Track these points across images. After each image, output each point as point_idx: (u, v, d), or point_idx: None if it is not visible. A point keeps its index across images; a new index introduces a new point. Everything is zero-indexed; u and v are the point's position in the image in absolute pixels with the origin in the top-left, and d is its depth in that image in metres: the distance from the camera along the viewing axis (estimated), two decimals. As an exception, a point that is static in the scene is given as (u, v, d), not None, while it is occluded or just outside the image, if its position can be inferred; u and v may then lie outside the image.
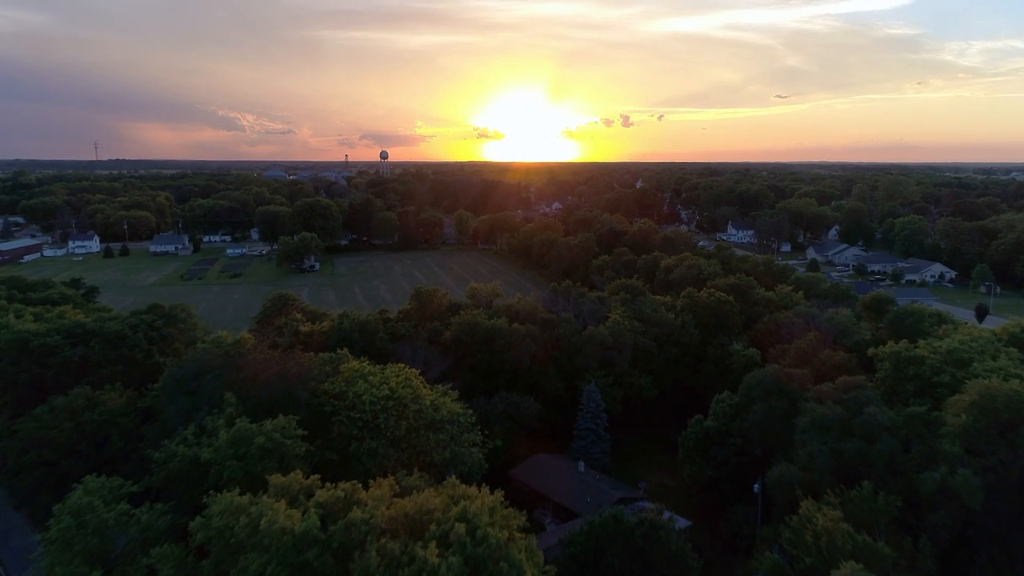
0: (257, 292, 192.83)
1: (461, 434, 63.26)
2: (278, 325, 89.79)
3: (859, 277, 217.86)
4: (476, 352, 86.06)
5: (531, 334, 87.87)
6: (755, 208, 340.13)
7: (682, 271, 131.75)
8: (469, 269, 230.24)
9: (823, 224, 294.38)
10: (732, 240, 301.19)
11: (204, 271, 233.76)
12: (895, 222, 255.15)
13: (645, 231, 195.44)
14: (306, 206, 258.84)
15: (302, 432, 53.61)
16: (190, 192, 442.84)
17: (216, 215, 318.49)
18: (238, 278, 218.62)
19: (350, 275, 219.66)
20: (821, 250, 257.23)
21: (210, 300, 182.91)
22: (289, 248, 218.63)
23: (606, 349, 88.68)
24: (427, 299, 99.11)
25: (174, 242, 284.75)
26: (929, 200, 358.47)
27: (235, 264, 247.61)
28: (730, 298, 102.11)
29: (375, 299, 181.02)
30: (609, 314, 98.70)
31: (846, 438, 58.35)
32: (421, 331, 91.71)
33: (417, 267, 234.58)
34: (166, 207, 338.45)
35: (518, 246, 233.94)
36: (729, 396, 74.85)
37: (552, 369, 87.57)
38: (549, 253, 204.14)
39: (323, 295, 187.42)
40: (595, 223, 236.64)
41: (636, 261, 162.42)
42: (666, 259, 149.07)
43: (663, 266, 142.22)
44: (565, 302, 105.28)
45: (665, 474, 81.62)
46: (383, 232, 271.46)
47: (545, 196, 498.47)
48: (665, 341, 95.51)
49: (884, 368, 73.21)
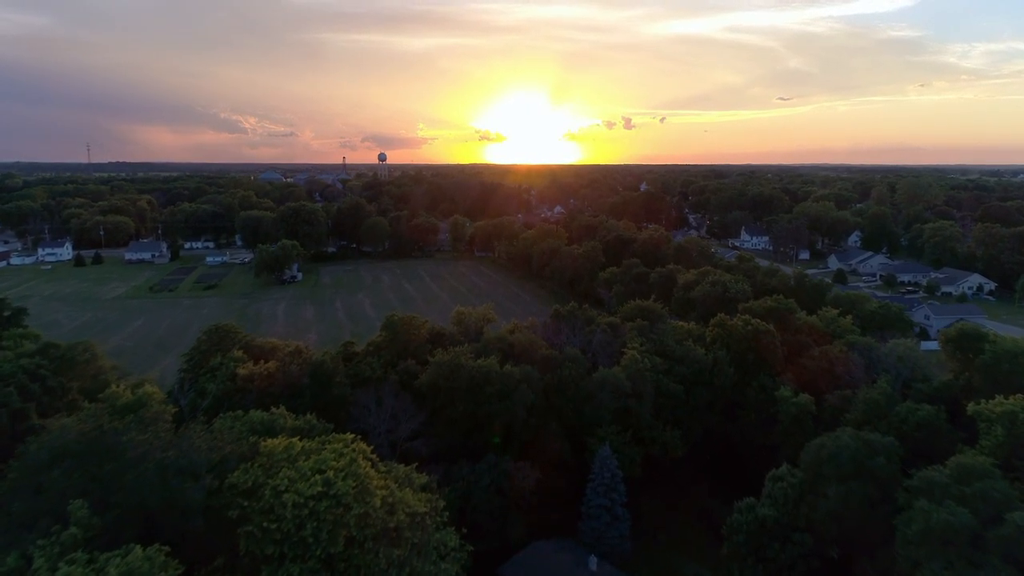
0: (229, 307, 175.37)
1: (427, 541, 45.21)
2: (211, 366, 71.73)
3: (889, 289, 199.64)
4: (458, 402, 68.04)
5: (528, 378, 69.80)
6: (768, 212, 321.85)
7: (704, 289, 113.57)
8: (464, 280, 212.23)
9: (842, 230, 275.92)
10: (746, 247, 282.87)
11: (178, 282, 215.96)
12: (923, 228, 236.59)
13: (656, 239, 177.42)
14: (290, 211, 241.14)
15: (177, 570, 35.56)
16: (179, 195, 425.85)
17: (199, 220, 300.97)
18: (213, 290, 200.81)
19: (334, 287, 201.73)
20: (844, 258, 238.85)
21: (175, 316, 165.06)
22: (267, 257, 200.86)
23: (622, 396, 70.60)
24: (401, 329, 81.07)
25: (151, 249, 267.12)
26: (950, 203, 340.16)
27: (213, 274, 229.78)
28: (770, 327, 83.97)
29: (357, 316, 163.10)
30: (624, 348, 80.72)
31: (982, 559, 40.25)
32: (391, 373, 73.73)
33: (407, 278, 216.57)
34: (147, 212, 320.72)
35: (517, 255, 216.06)
36: (789, 472, 56.68)
37: (555, 424, 69.57)
38: (551, 263, 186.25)
39: (301, 311, 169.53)
40: (600, 229, 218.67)
41: (648, 275, 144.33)
42: (684, 273, 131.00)
43: (681, 282, 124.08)
44: (570, 331, 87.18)
45: (703, 566, 63.27)
46: (373, 239, 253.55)
47: (547, 199, 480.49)
48: (694, 382, 77.41)
49: (995, 434, 55.17)
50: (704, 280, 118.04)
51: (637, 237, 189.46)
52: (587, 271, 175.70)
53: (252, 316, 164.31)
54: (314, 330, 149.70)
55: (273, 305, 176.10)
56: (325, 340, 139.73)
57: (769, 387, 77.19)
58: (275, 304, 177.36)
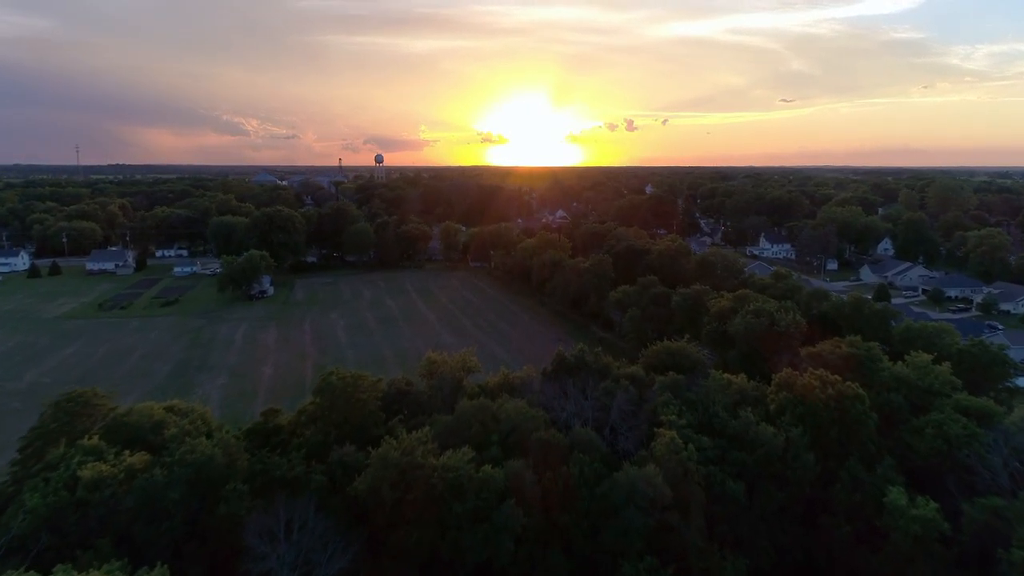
0: (182, 329, 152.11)
1: None
2: (49, 461, 48.33)
3: (936, 306, 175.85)
4: (412, 523, 44.73)
5: (519, 482, 46.44)
6: (788, 217, 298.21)
7: (746, 322, 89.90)
8: (455, 295, 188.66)
9: (871, 237, 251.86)
10: (765, 255, 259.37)
11: (135, 296, 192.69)
12: (966, 235, 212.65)
13: (674, 251, 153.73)
14: (264, 217, 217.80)
15: None
16: (163, 199, 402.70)
17: (171, 226, 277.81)
18: (171, 307, 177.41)
19: (307, 304, 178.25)
20: (878, 269, 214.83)
21: (117, 341, 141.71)
22: (232, 270, 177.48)
23: (659, 509, 47.17)
24: (341, 395, 57.63)
25: (115, 258, 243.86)
26: (982, 207, 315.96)
27: (177, 287, 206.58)
28: (857, 388, 60.29)
29: (326, 341, 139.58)
30: (655, 416, 57.37)
31: None
32: (316, 470, 50.33)
33: (392, 292, 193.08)
34: (118, 217, 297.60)
35: (515, 266, 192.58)
36: None
37: (558, 556, 46.11)
38: (553, 278, 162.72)
39: (263, 334, 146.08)
40: (608, 238, 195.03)
41: (669, 296, 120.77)
42: (716, 298, 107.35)
43: (714, 310, 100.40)
44: (578, 392, 63.61)
45: None
46: (356, 247, 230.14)
47: (548, 202, 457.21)
48: (758, 475, 53.95)
49: None
50: (743, 308, 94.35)
51: (651, 248, 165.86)
52: (595, 288, 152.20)
53: (205, 341, 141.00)
54: (271, 360, 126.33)
55: (233, 327, 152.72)
56: (281, 376, 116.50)
57: (865, 482, 53.75)
58: (235, 326, 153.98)
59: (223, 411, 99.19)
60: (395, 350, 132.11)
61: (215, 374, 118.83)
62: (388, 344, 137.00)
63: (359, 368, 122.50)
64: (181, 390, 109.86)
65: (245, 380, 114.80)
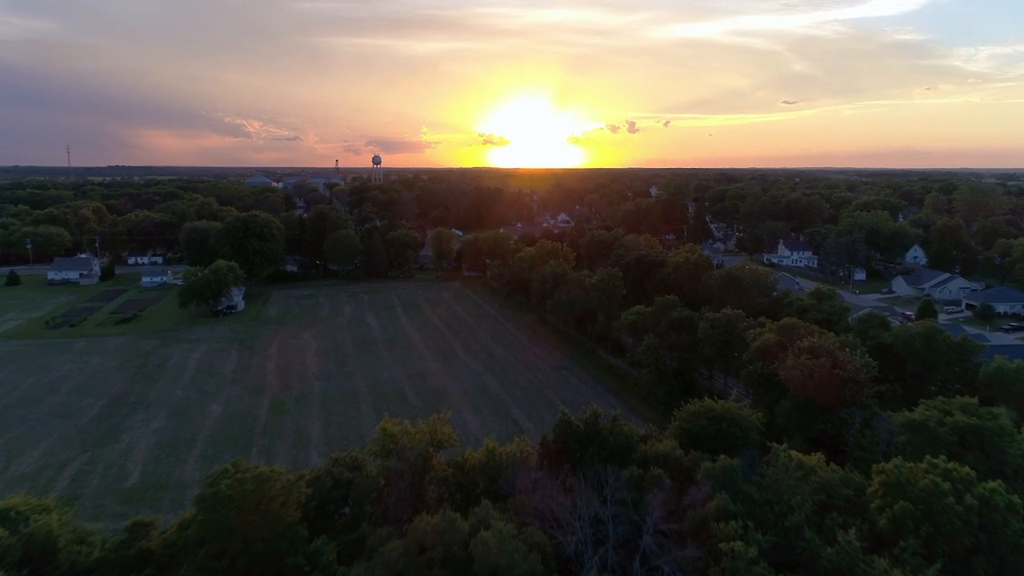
0: (132, 352, 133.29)
1: None
2: None
3: (986, 323, 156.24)
4: None
5: None
6: (806, 222, 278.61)
7: (802, 366, 70.23)
8: (445, 311, 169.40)
9: (899, 244, 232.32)
10: (784, 263, 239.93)
11: (91, 311, 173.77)
12: (1012, 243, 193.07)
13: (694, 265, 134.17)
14: (239, 222, 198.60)
15: None
16: (149, 201, 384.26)
17: (145, 231, 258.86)
18: (127, 324, 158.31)
19: (279, 320, 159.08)
20: (913, 280, 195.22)
21: (53, 369, 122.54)
22: (195, 283, 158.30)
23: None
24: (238, 511, 38.24)
25: (80, 267, 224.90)
26: (1015, 211, 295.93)
27: (140, 300, 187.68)
28: (999, 486, 40.83)
29: (292, 370, 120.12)
30: (712, 548, 38.09)
31: None
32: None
33: (375, 307, 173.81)
34: (90, 221, 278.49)
35: (513, 278, 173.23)
36: None
37: None
38: (556, 293, 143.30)
39: (220, 360, 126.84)
40: (616, 247, 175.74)
41: (693, 321, 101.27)
42: (753, 326, 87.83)
43: (755, 345, 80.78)
44: (591, 488, 44.22)
45: None
46: (340, 255, 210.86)
47: (550, 205, 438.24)
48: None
49: None
50: (797, 345, 74.71)
51: (666, 260, 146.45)
52: (603, 306, 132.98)
53: (152, 369, 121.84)
54: (224, 395, 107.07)
55: (188, 351, 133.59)
56: (230, 419, 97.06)
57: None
58: (192, 349, 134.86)
59: (144, 471, 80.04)
60: (371, 382, 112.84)
61: (153, 413, 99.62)
62: (364, 374, 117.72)
63: (326, 407, 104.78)
64: (105, 436, 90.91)
65: (186, 422, 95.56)
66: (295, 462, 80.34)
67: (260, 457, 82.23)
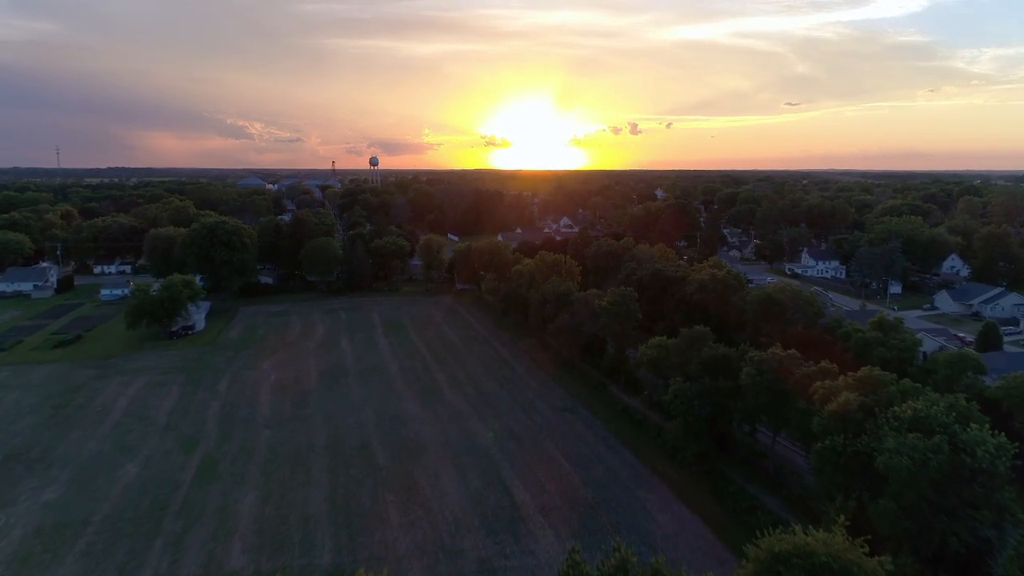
0: (60, 385, 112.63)
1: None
2: None
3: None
4: None
5: None
6: (830, 228, 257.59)
7: (914, 453, 49.24)
8: (432, 334, 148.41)
9: (937, 253, 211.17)
10: (808, 274, 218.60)
11: (34, 330, 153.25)
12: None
13: (723, 284, 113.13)
14: (204, 230, 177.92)
15: None
16: (132, 203, 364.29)
17: (111, 238, 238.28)
18: (65, 348, 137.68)
19: (239, 345, 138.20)
20: (959, 296, 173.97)
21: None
22: (144, 301, 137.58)
23: None
24: None
25: (34, 277, 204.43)
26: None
27: (90, 317, 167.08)
28: None
29: (239, 413, 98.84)
30: None
31: None
32: None
33: (353, 327, 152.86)
34: (55, 226, 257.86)
35: (510, 293, 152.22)
36: None
37: None
38: (559, 315, 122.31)
39: (158, 398, 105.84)
40: (626, 258, 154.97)
41: (732, 361, 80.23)
42: (827, 383, 66.70)
43: (830, 409, 59.58)
44: None
45: None
46: (319, 266, 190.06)
47: (552, 208, 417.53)
48: None
49: None
50: (881, 407, 53.73)
51: (687, 275, 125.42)
52: (615, 333, 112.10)
53: (73, 410, 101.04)
54: (146, 450, 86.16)
55: (123, 385, 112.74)
56: (143, 487, 75.52)
57: None
58: (128, 382, 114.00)
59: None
60: (331, 431, 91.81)
61: (51, 478, 78.81)
62: (325, 418, 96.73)
63: (268, 469, 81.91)
64: (-24, 514, 70.04)
65: (86, 494, 74.64)
66: (208, 566, 59.46)
67: (164, 555, 61.41)
